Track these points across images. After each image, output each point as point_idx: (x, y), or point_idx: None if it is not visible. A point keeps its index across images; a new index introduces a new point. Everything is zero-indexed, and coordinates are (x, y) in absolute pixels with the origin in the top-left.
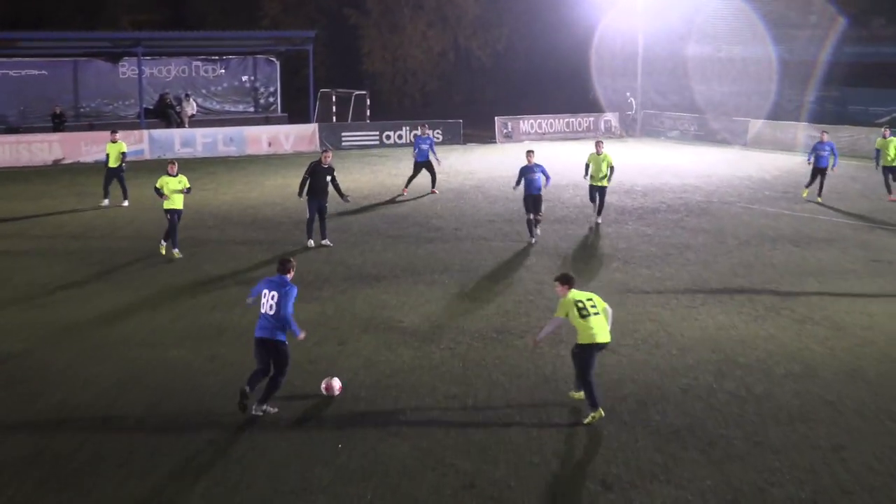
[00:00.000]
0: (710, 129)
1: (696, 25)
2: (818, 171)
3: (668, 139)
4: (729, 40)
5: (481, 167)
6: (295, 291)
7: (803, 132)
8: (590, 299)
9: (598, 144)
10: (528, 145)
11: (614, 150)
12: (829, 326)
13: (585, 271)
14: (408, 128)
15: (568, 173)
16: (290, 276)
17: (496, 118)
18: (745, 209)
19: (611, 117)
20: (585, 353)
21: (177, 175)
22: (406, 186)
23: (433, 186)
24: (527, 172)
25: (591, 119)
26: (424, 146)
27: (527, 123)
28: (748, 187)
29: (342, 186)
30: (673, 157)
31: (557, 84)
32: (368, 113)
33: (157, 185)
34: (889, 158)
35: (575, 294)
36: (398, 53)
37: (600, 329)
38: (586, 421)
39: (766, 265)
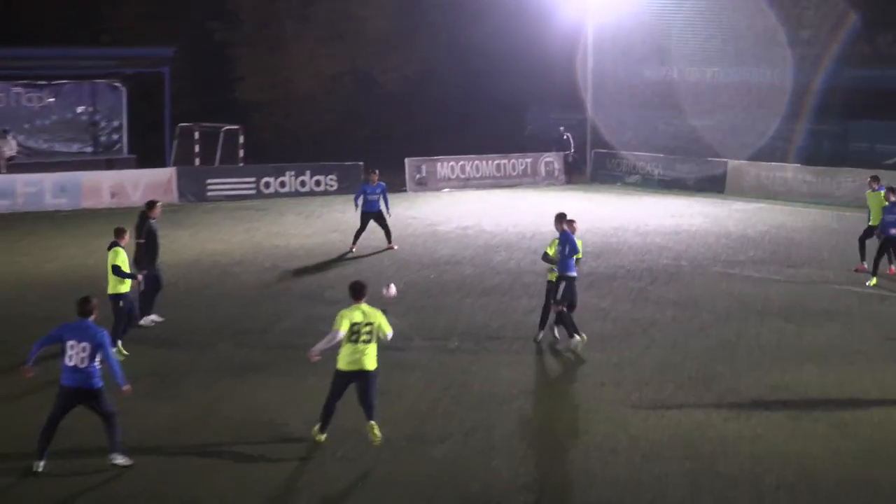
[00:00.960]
0: (679, 173)
1: (661, 45)
2: (890, 242)
3: (626, 186)
4: (701, 62)
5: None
6: (108, 337)
7: (794, 175)
8: (370, 324)
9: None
10: (446, 194)
11: (554, 201)
12: (831, 424)
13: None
14: (293, 173)
15: (504, 234)
16: (93, 319)
17: (407, 160)
18: (723, 274)
19: (553, 159)
20: (336, 378)
21: None
22: (354, 242)
23: (389, 241)
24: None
25: (528, 161)
26: (374, 196)
27: (446, 167)
28: (727, 246)
29: (199, 248)
30: (632, 208)
31: (486, 118)
32: (242, 154)
33: None
34: (873, 216)
35: (359, 312)
36: (280, 78)
37: (362, 359)
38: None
39: (752, 346)
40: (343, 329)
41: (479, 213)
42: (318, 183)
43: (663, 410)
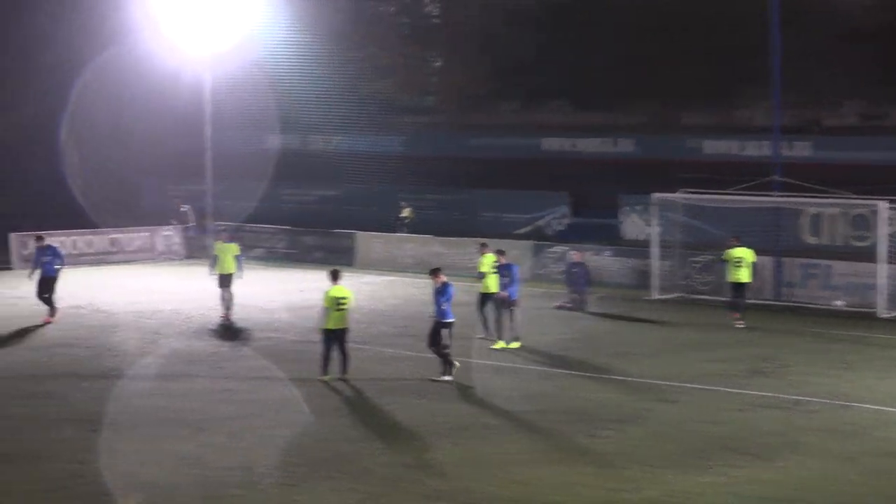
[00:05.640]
0: (306, 246)
1: (282, 112)
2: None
3: (251, 260)
4: (327, 130)
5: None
6: None
7: (422, 247)
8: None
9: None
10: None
11: (173, 277)
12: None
13: None
14: None
15: (120, 314)
16: None
17: (12, 235)
18: (354, 350)
19: (172, 232)
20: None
21: None
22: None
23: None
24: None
25: (146, 235)
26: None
27: (55, 241)
28: (358, 321)
29: None
30: (259, 283)
31: (97, 187)
32: None
33: None
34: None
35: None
36: None
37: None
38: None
39: (385, 424)
40: None
41: (93, 291)
42: None
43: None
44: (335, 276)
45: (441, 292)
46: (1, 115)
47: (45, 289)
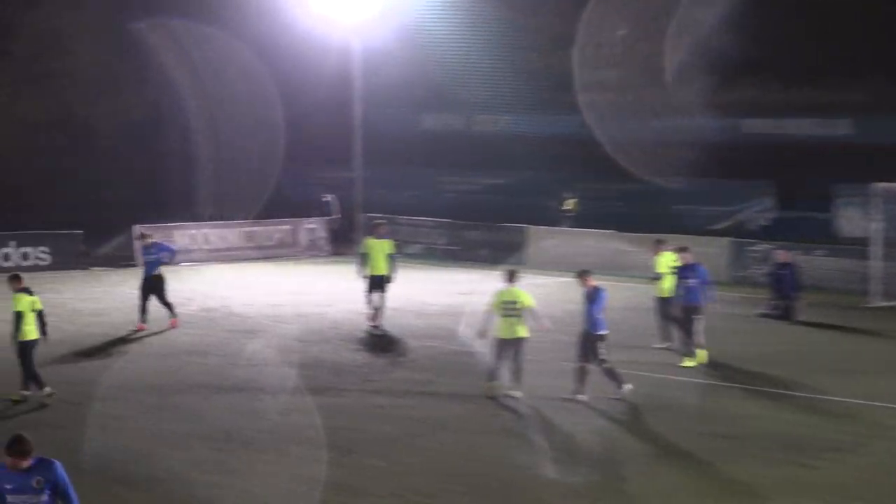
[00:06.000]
0: (470, 242)
1: (441, 89)
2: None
3: (406, 258)
4: (494, 109)
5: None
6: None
7: (604, 243)
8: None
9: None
10: (185, 269)
11: (318, 276)
12: None
13: None
14: None
15: (257, 317)
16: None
17: (136, 227)
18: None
19: (316, 225)
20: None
21: None
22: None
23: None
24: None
25: (287, 229)
26: (152, 257)
27: (185, 236)
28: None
29: None
30: (414, 284)
31: (233, 175)
32: None
33: None
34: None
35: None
36: None
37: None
38: None
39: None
40: None
41: (227, 291)
42: (25, 256)
43: None
44: (511, 277)
45: (592, 299)
46: (131, 92)
47: (153, 290)
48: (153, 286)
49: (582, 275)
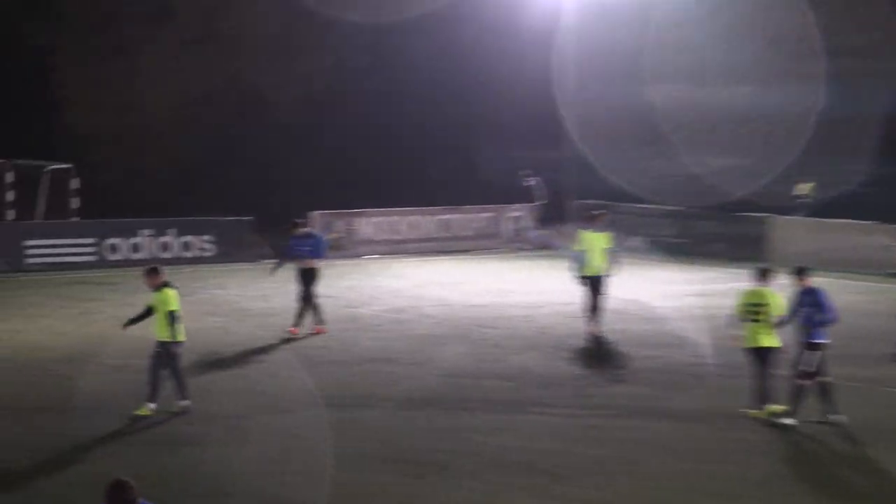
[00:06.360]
0: (701, 234)
1: (665, 56)
2: None
3: (627, 253)
4: (729, 78)
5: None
6: None
7: (862, 238)
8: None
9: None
10: (371, 262)
11: (526, 273)
12: None
13: None
14: (150, 231)
15: (454, 321)
16: None
17: (316, 214)
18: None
19: (522, 213)
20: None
21: None
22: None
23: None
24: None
25: (489, 217)
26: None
27: (371, 223)
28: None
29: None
30: (639, 283)
31: (425, 154)
32: (76, 204)
33: None
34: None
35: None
36: (127, 97)
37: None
38: None
39: None
40: None
41: (419, 289)
42: (187, 246)
43: None
44: (763, 276)
45: (808, 301)
46: (308, 58)
47: (308, 282)
48: (309, 278)
49: (800, 273)
